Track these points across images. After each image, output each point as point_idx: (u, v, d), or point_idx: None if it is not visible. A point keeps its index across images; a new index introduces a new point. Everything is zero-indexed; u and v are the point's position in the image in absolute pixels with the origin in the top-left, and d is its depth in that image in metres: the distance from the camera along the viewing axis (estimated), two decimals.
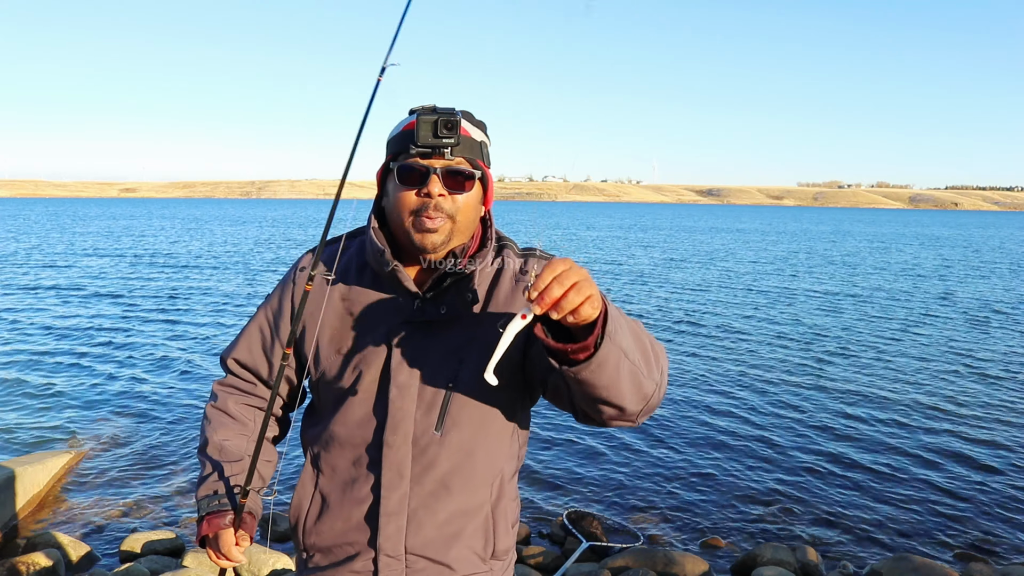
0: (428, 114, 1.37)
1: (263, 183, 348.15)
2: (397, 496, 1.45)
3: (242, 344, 1.64)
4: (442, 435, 1.44)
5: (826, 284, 19.78)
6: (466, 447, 1.46)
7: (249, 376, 1.64)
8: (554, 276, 1.10)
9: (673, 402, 7.91)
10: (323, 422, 1.54)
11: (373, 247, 1.45)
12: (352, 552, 1.50)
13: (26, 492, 5.06)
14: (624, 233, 47.90)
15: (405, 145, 1.40)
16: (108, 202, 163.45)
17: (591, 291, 1.12)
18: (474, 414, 1.46)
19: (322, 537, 1.52)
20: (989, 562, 4.58)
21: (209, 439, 1.58)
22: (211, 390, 1.67)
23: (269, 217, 72.42)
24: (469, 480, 1.47)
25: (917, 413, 7.67)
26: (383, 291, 1.48)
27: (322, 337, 1.50)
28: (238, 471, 1.55)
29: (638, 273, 21.72)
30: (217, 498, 1.52)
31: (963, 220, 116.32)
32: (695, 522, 5.13)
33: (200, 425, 1.64)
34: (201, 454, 1.59)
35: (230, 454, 1.56)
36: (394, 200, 1.42)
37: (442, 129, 1.36)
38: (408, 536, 1.46)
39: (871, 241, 44.19)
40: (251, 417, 1.63)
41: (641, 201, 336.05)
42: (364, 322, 1.48)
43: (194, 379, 8.69)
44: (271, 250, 29.42)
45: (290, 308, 1.56)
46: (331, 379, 1.50)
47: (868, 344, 11.36)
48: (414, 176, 1.39)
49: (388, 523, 1.45)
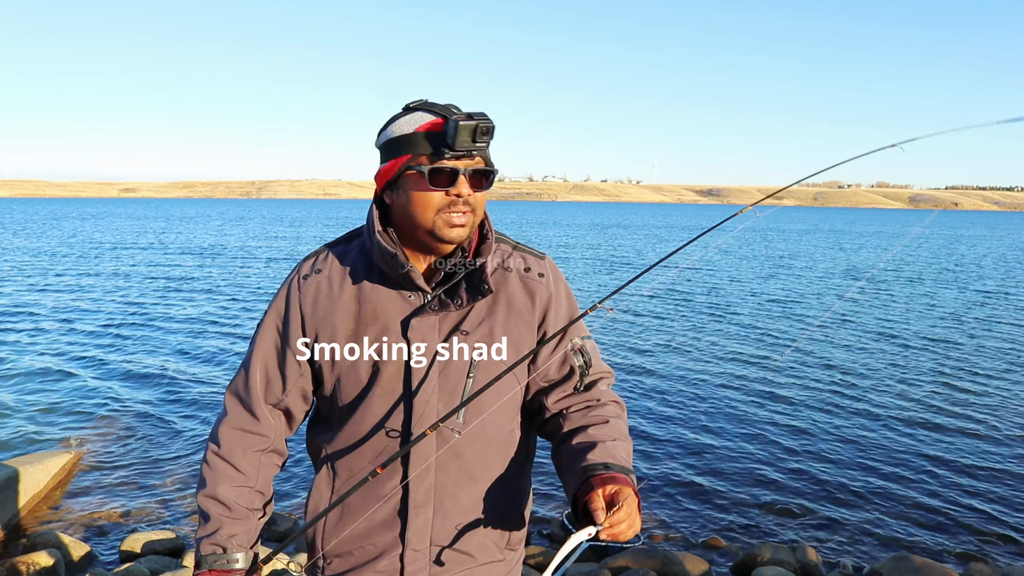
0: (464, 119, 1.38)
1: (263, 183, 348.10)
2: (424, 488, 1.48)
3: (255, 368, 1.55)
4: (464, 424, 1.48)
5: (830, 286, 19.78)
6: (487, 435, 1.51)
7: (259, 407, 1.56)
8: (628, 518, 1.29)
9: (673, 402, 7.92)
10: (339, 424, 1.53)
11: (383, 250, 1.45)
12: (376, 552, 1.50)
13: (26, 492, 5.06)
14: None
15: (436, 147, 1.41)
16: (108, 202, 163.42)
17: (639, 522, 1.32)
18: (493, 402, 1.50)
19: (344, 541, 1.51)
20: (989, 562, 4.58)
21: (213, 489, 1.52)
22: (214, 431, 1.57)
23: (271, 216, 72.42)
24: (490, 468, 1.52)
25: (917, 413, 7.67)
26: (394, 289, 1.49)
27: (338, 338, 1.49)
28: (242, 530, 1.52)
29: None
30: (225, 556, 1.49)
31: (966, 220, 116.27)
32: (695, 522, 5.13)
33: (200, 468, 1.57)
34: (204, 503, 1.53)
35: (237, 509, 1.52)
36: (417, 199, 1.44)
37: (480, 136, 1.40)
38: (434, 527, 1.49)
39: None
40: (257, 467, 1.56)
41: (641, 201, 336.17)
42: (379, 320, 1.48)
43: (195, 379, 8.69)
44: (276, 249, 29.42)
45: (299, 316, 1.52)
46: (348, 380, 1.50)
47: (869, 344, 11.36)
48: (444, 178, 1.42)
49: (416, 516, 1.48)
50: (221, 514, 1.51)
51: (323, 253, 1.57)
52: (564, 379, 1.57)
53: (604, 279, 20.38)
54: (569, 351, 1.56)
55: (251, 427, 1.55)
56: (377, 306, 1.49)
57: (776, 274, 22.11)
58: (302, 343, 1.51)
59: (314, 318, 1.50)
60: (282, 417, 1.58)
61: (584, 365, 1.57)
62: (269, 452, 1.57)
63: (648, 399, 8.02)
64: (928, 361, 10.20)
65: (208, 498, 1.52)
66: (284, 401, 1.56)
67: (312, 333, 1.51)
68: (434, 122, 1.41)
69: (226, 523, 1.50)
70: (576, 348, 1.56)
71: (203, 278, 19.20)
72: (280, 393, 1.55)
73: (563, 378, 1.57)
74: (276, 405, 1.56)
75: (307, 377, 1.55)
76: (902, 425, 7.27)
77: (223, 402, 1.59)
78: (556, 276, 1.59)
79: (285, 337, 1.53)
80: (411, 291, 1.49)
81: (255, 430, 1.55)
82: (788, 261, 27.27)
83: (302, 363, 1.53)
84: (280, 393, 1.55)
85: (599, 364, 1.61)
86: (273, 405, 1.56)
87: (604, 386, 1.60)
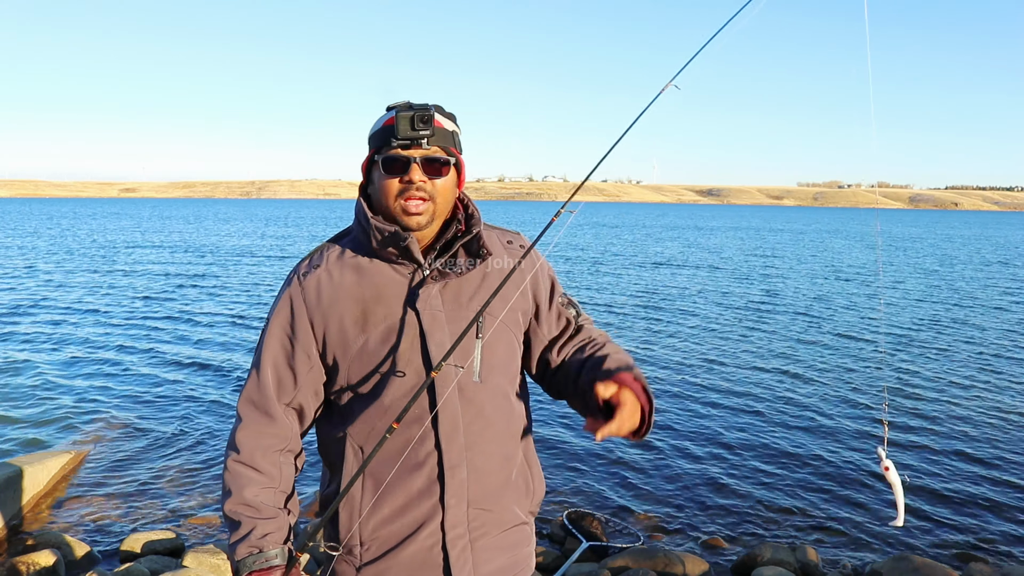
0: (405, 110, 1.51)
1: (263, 183, 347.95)
2: (456, 447, 1.54)
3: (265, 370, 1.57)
4: (482, 382, 1.57)
5: (836, 287, 19.78)
6: (502, 390, 1.62)
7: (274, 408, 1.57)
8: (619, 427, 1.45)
9: (674, 402, 7.92)
10: (359, 410, 1.56)
11: (380, 230, 1.53)
12: (416, 523, 1.54)
13: (27, 492, 5.06)
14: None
15: (387, 139, 1.53)
16: (108, 202, 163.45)
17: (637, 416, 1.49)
18: (502, 359, 1.61)
19: (382, 519, 1.55)
20: (989, 562, 4.58)
21: (240, 495, 1.53)
22: (232, 439, 1.58)
23: (272, 216, 72.42)
24: (509, 422, 1.63)
25: (918, 413, 7.67)
26: (392, 265, 1.57)
27: (346, 323, 1.54)
28: (275, 528, 1.53)
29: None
30: (263, 555, 1.50)
31: (967, 219, 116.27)
32: (695, 522, 5.14)
33: (223, 478, 1.57)
34: (233, 509, 1.53)
35: (266, 510, 1.53)
36: (380, 187, 1.56)
37: (418, 123, 1.50)
38: (469, 486, 1.55)
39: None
40: (279, 467, 1.58)
41: (641, 201, 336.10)
42: (384, 298, 1.55)
43: (196, 379, 8.69)
44: (279, 249, 29.43)
45: (304, 311, 1.56)
46: (363, 361, 1.54)
47: (871, 346, 11.36)
48: (397, 165, 1.53)
49: (453, 476, 1.53)
50: (252, 517, 1.52)
51: (319, 250, 1.64)
52: (562, 332, 1.72)
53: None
54: (561, 305, 1.72)
55: (268, 429, 1.57)
56: (379, 285, 1.55)
57: (797, 270, 22.10)
58: (311, 337, 1.56)
59: (319, 309, 1.55)
60: (295, 416, 1.61)
61: (575, 315, 1.74)
62: (287, 452, 1.59)
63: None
64: (928, 360, 10.20)
65: (236, 504, 1.53)
66: (296, 399, 1.59)
67: (320, 325, 1.56)
68: (392, 119, 1.54)
69: (259, 524, 1.52)
70: (565, 303, 1.74)
71: (205, 278, 19.20)
72: (292, 391, 1.58)
73: (561, 331, 1.72)
74: (289, 404, 1.59)
75: (318, 371, 1.58)
76: (902, 425, 7.27)
77: (236, 411, 1.60)
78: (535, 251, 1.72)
79: (293, 334, 1.57)
80: (409, 267, 1.56)
81: (272, 431, 1.57)
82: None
83: (312, 357, 1.57)
84: (292, 391, 1.58)
85: (583, 312, 1.79)
86: (286, 404, 1.59)
87: (589, 325, 1.77)
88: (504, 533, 1.62)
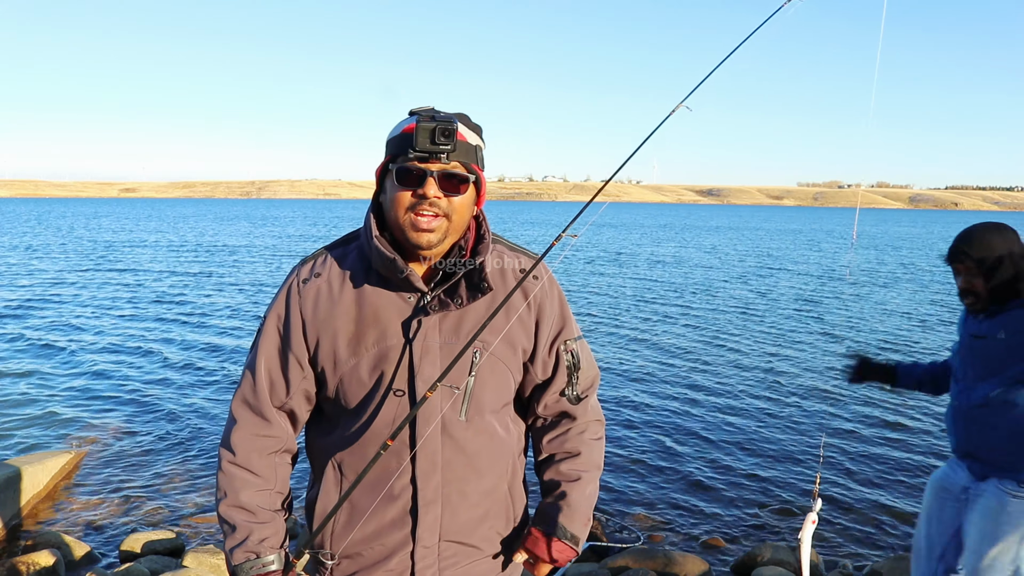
0: (427, 121, 1.41)
1: (263, 183, 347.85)
2: (432, 485, 1.51)
3: (260, 371, 1.56)
4: (467, 420, 1.52)
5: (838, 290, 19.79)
6: (488, 429, 1.55)
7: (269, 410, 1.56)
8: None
9: (673, 403, 7.92)
10: (343, 426, 1.54)
11: (381, 256, 1.47)
12: (386, 552, 1.53)
13: (26, 492, 5.06)
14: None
15: (404, 148, 1.44)
16: (108, 202, 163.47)
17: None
18: (492, 397, 1.55)
19: (353, 542, 1.53)
20: None
21: (236, 497, 1.53)
22: (226, 440, 1.57)
23: (272, 216, 72.43)
24: (494, 461, 1.57)
25: (918, 413, 7.67)
26: (393, 291, 1.51)
27: (339, 341, 1.50)
28: (271, 532, 1.53)
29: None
30: (260, 561, 1.51)
31: (967, 220, 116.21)
32: (695, 522, 5.13)
33: (216, 479, 1.57)
34: (228, 512, 1.53)
35: (262, 514, 1.54)
36: (391, 198, 1.48)
37: (439, 136, 1.40)
38: (443, 523, 1.53)
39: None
40: (274, 469, 1.57)
41: (641, 201, 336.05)
42: (380, 322, 1.50)
43: (195, 379, 8.69)
44: (276, 248, 29.43)
45: (300, 320, 1.52)
46: (351, 382, 1.51)
47: (872, 347, 11.36)
48: (411, 178, 1.45)
49: (427, 513, 1.51)
50: (248, 520, 1.52)
51: (321, 256, 1.58)
52: (554, 378, 1.62)
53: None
54: (561, 350, 1.61)
55: (263, 430, 1.56)
56: (377, 308, 1.50)
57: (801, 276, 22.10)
58: (304, 347, 1.53)
59: (315, 322, 1.51)
60: (287, 419, 1.59)
61: (573, 365, 1.62)
62: (282, 453, 1.58)
63: (647, 399, 8.02)
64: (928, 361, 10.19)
65: (232, 507, 1.53)
66: (288, 403, 1.57)
67: (313, 337, 1.52)
68: (412, 125, 1.44)
69: (255, 529, 1.52)
70: (568, 348, 1.62)
71: (204, 278, 19.20)
72: (284, 396, 1.56)
73: (554, 377, 1.62)
74: (281, 407, 1.57)
75: (310, 380, 1.56)
76: (903, 425, 7.27)
77: (230, 411, 1.59)
78: (550, 278, 1.62)
79: (287, 341, 1.54)
80: (410, 292, 1.50)
81: (267, 432, 1.56)
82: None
83: (304, 366, 1.54)
84: (284, 396, 1.56)
85: (590, 367, 1.67)
86: (278, 408, 1.57)
87: (590, 405, 1.67)
88: (479, 562, 1.60)
